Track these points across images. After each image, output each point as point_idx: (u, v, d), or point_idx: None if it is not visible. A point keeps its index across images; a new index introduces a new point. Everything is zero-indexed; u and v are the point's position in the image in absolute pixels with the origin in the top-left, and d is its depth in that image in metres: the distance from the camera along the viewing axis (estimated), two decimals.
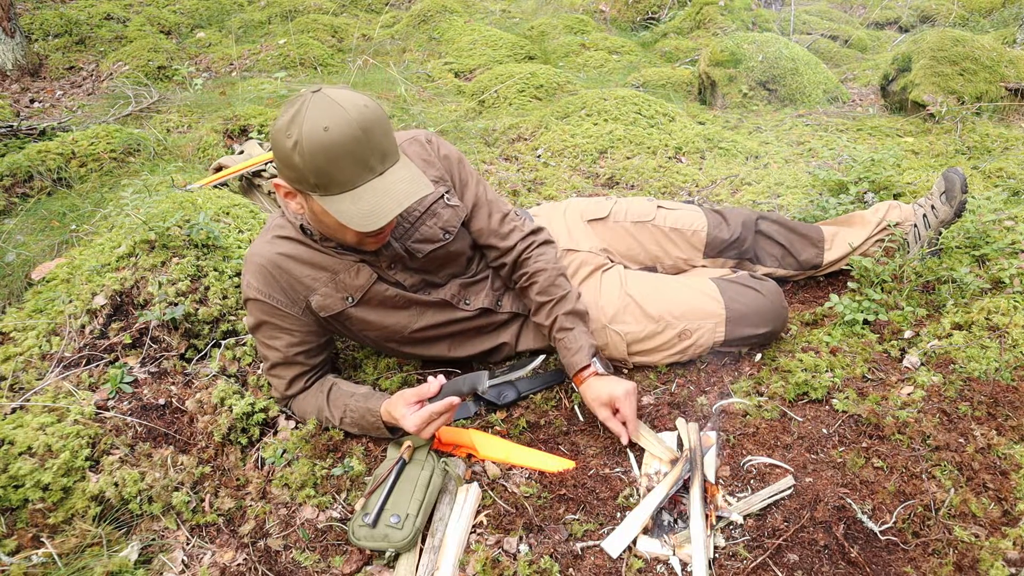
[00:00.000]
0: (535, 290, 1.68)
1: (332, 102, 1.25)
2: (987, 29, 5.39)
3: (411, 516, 1.39)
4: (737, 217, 2.00)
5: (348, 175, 1.28)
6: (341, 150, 1.25)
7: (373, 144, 1.28)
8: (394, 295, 1.63)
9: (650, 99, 3.78)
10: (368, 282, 1.58)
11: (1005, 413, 1.52)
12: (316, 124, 1.24)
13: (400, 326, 1.68)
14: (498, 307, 1.77)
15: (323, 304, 1.58)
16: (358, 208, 1.30)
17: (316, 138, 1.24)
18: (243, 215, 2.43)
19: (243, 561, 1.43)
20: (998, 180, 2.68)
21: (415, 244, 1.59)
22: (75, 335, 1.76)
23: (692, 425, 1.58)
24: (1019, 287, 1.83)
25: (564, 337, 1.64)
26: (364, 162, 1.28)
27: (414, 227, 1.59)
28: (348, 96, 1.28)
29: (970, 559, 1.25)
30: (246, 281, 1.56)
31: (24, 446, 1.47)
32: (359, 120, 1.25)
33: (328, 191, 1.30)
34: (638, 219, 1.98)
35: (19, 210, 3.02)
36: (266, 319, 1.58)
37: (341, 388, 1.65)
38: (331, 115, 1.24)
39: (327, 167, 1.26)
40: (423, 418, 1.46)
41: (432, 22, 6.13)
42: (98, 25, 6.03)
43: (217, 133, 3.64)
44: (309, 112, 1.25)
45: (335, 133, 1.24)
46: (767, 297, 1.75)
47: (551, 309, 1.67)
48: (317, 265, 1.56)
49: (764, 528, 1.36)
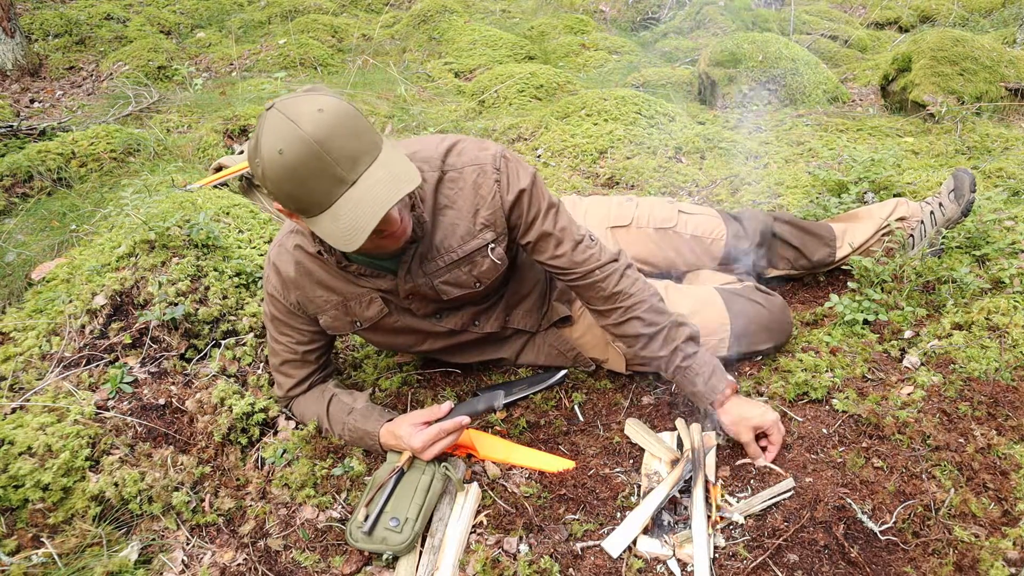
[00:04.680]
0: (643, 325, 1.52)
1: (283, 120, 1.13)
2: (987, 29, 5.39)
3: (410, 520, 1.39)
4: (755, 226, 1.97)
5: (318, 194, 1.17)
6: (303, 171, 1.13)
7: (336, 154, 1.14)
8: (402, 326, 1.62)
9: (650, 99, 3.78)
10: (378, 315, 1.57)
11: (1005, 413, 1.52)
12: (272, 148, 1.13)
13: (405, 345, 1.71)
14: (505, 330, 1.75)
15: (331, 325, 1.59)
16: (338, 227, 1.19)
17: (275, 163, 1.14)
18: (243, 215, 2.43)
19: (243, 561, 1.43)
20: (998, 180, 2.68)
21: (443, 285, 1.51)
22: (75, 335, 1.76)
23: (694, 425, 1.58)
24: (1019, 287, 1.83)
25: (691, 364, 1.52)
26: (331, 176, 1.15)
27: (447, 268, 1.49)
28: (302, 106, 1.14)
29: (970, 559, 1.25)
30: (266, 275, 1.58)
31: (24, 446, 1.47)
32: (313, 134, 1.12)
33: (309, 213, 1.20)
34: (660, 225, 1.94)
35: (19, 210, 3.02)
36: (279, 316, 1.60)
37: (341, 401, 1.64)
38: (283, 135, 1.13)
39: (295, 191, 1.17)
40: (431, 436, 1.45)
41: (432, 22, 6.13)
42: (98, 25, 6.03)
43: (217, 133, 3.64)
44: (264, 135, 1.15)
45: (290, 155, 1.12)
46: (773, 313, 1.74)
47: (666, 336, 1.53)
48: (330, 288, 1.53)
49: (764, 528, 1.36)
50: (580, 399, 1.76)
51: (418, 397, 1.82)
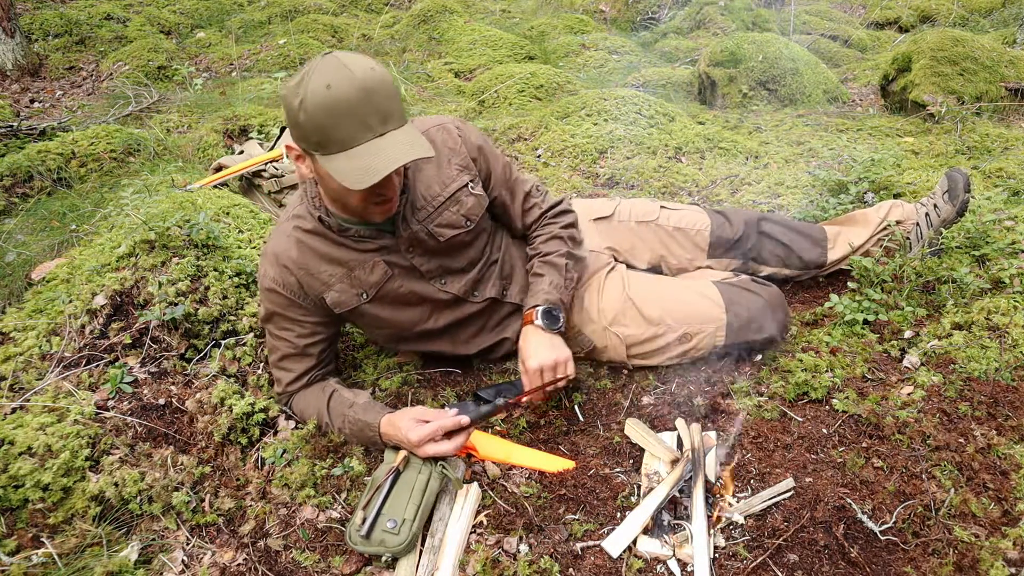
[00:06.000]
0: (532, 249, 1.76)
1: (340, 63, 1.28)
2: (987, 29, 5.39)
3: (408, 521, 1.39)
4: (739, 217, 2.01)
5: (346, 133, 1.29)
6: (342, 107, 1.27)
7: (374, 105, 1.29)
8: (407, 292, 1.64)
9: (650, 99, 3.78)
10: (382, 278, 1.60)
11: (1005, 413, 1.52)
12: (320, 82, 1.26)
13: (411, 323, 1.71)
14: (504, 296, 1.77)
15: (338, 300, 1.60)
16: (352, 165, 1.30)
17: (319, 95, 1.26)
18: (243, 215, 2.43)
19: (243, 561, 1.43)
20: (998, 180, 2.68)
21: (437, 228, 1.60)
22: (75, 335, 1.76)
23: (694, 425, 1.58)
24: (1019, 287, 1.83)
25: (532, 281, 1.71)
26: (363, 121, 1.29)
27: (437, 211, 1.60)
28: (357, 59, 1.30)
29: (970, 559, 1.25)
30: (262, 271, 1.60)
31: (24, 446, 1.47)
32: (362, 80, 1.27)
33: (328, 150, 1.31)
34: (642, 219, 1.98)
35: (19, 210, 3.02)
36: (279, 310, 1.61)
37: (342, 395, 1.65)
38: (336, 75, 1.27)
39: (327, 124, 1.28)
40: (428, 432, 1.46)
41: (432, 22, 6.13)
42: (98, 25, 6.03)
43: (217, 133, 3.64)
44: (316, 72, 1.28)
45: (336, 91, 1.26)
46: (769, 302, 1.75)
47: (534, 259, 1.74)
48: (334, 260, 1.58)
49: (764, 528, 1.36)
50: (580, 399, 1.76)
51: (418, 397, 1.82)
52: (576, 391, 1.78)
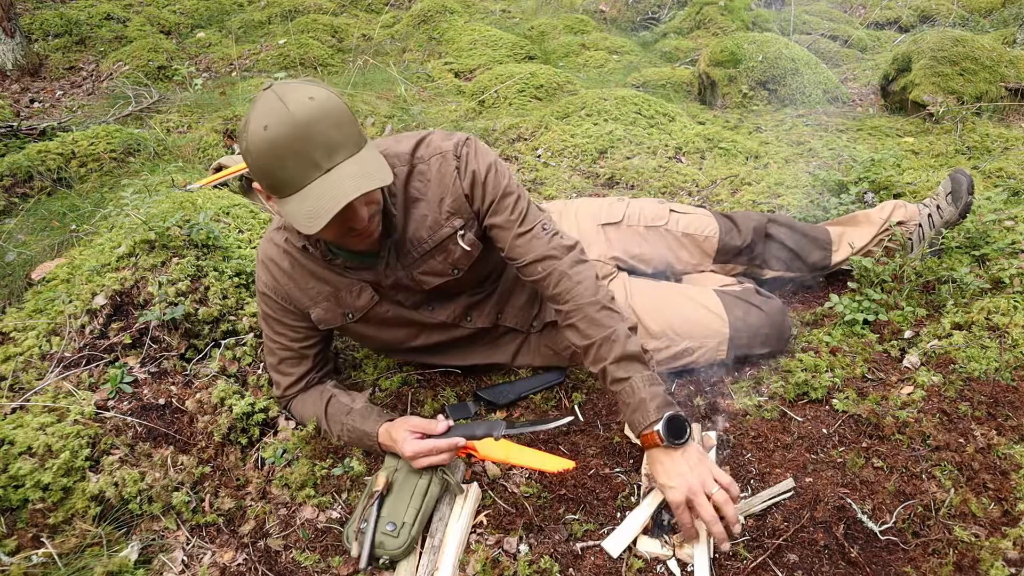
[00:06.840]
0: (577, 336, 1.47)
1: (276, 100, 1.19)
2: (987, 29, 5.39)
3: (407, 525, 1.38)
4: (748, 223, 1.99)
5: (291, 174, 1.21)
6: (281, 148, 1.19)
7: (316, 139, 1.19)
8: (394, 316, 1.63)
9: (650, 99, 3.78)
10: (368, 304, 1.59)
11: (1005, 413, 1.52)
12: (258, 124, 1.19)
13: (397, 341, 1.70)
14: (497, 328, 1.75)
15: (322, 318, 1.60)
16: (303, 208, 1.22)
17: (258, 137, 1.19)
18: (243, 215, 2.43)
19: (243, 561, 1.43)
20: (998, 180, 2.68)
21: (421, 276, 1.55)
22: (75, 335, 1.75)
23: (694, 425, 1.57)
24: (1019, 287, 1.83)
25: (620, 391, 1.41)
26: (308, 159, 1.20)
27: (422, 259, 1.53)
28: (295, 91, 1.20)
29: (970, 559, 1.25)
30: (257, 274, 1.60)
31: (24, 446, 1.47)
32: (299, 116, 1.18)
33: (280, 193, 1.25)
34: (651, 223, 1.96)
35: (19, 210, 3.02)
36: (272, 314, 1.62)
37: (339, 401, 1.64)
38: (271, 113, 1.18)
39: (272, 166, 1.21)
40: (423, 449, 1.44)
41: (432, 22, 6.13)
42: (98, 25, 6.03)
43: (217, 133, 3.64)
44: (255, 112, 1.21)
45: (273, 131, 1.18)
46: (771, 318, 1.74)
47: (596, 355, 1.44)
48: (322, 278, 1.56)
49: (764, 528, 1.36)
50: (580, 399, 1.75)
51: (418, 397, 1.82)
52: (576, 391, 1.78)
